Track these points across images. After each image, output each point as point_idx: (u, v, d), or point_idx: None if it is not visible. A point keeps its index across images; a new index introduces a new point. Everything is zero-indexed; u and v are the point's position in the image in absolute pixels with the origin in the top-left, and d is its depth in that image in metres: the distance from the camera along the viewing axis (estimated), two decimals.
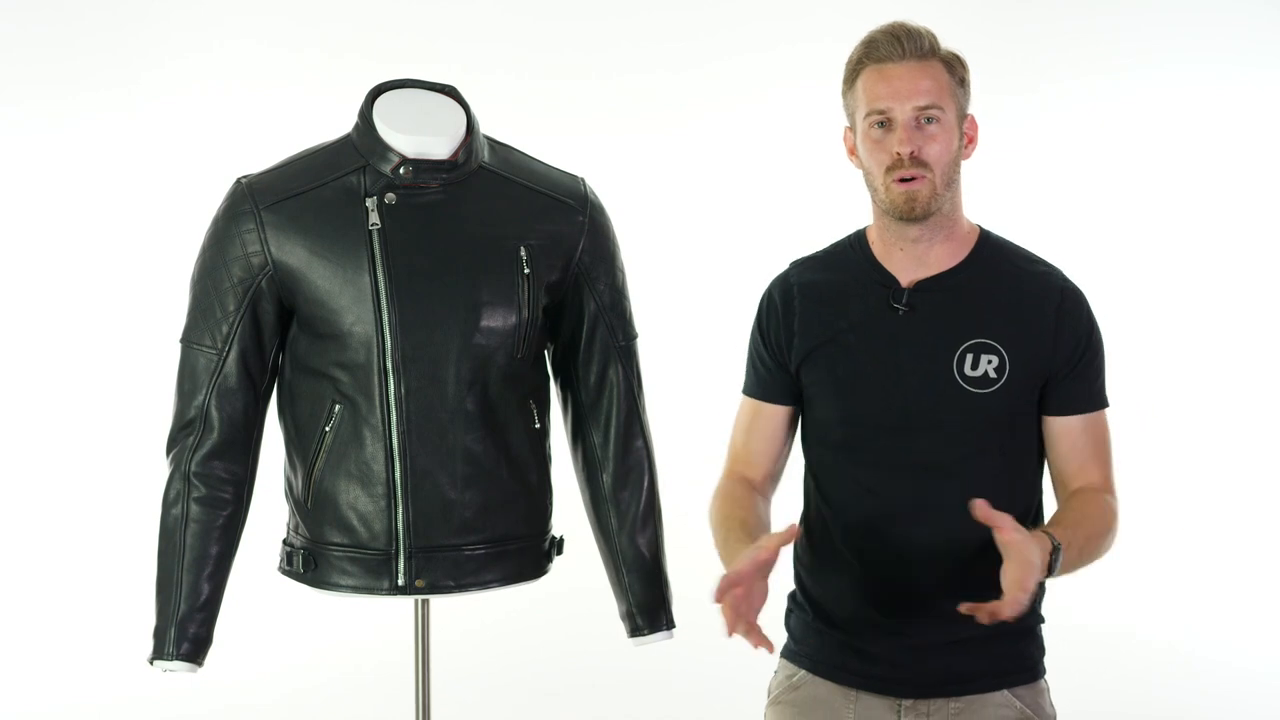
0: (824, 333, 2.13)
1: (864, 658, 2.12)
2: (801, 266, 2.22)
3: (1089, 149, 4.74)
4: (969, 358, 2.06)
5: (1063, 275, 2.14)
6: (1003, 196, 2.75)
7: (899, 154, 2.02)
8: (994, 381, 2.06)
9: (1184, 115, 4.74)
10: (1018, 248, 2.17)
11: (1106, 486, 2.12)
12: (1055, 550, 1.93)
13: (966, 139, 2.10)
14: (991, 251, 2.14)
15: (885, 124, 2.04)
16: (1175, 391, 4.60)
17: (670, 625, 2.42)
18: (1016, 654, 2.13)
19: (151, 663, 2.26)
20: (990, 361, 2.06)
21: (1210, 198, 4.73)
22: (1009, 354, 2.06)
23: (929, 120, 2.03)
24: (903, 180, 2.03)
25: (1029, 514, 2.14)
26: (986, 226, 2.18)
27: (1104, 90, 4.74)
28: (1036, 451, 2.14)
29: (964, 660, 2.09)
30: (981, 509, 1.90)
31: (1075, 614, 2.16)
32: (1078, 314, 2.11)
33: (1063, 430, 2.11)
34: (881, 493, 2.09)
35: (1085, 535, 2.02)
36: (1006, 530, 1.87)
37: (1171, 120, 4.75)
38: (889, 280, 2.11)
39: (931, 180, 2.03)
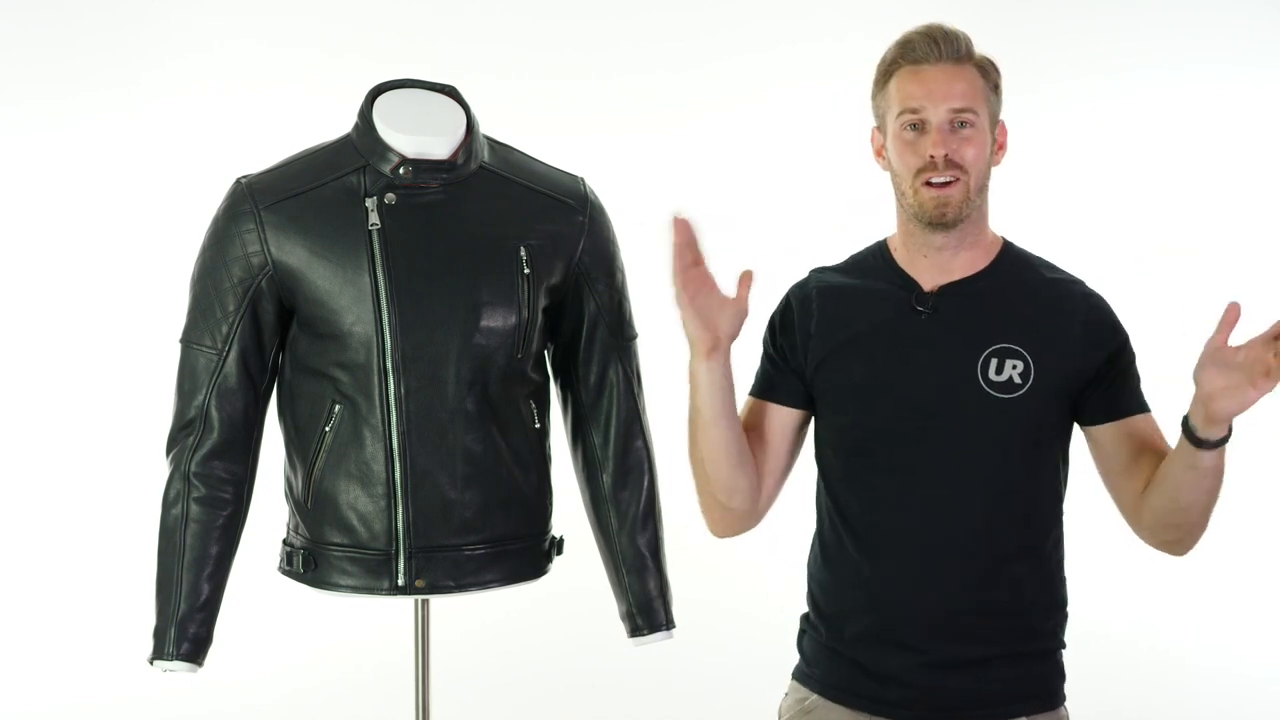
0: (843, 334, 2.10)
1: (876, 679, 2.07)
2: (821, 271, 2.19)
3: (1089, 149, 4.74)
4: (993, 362, 2.03)
5: (1085, 285, 2.11)
6: (1002, 197, 2.73)
7: (932, 156, 1.99)
8: (1019, 387, 2.02)
9: (1184, 115, 4.74)
10: (1040, 259, 2.14)
11: None
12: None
13: (998, 145, 2.07)
14: (1014, 260, 2.11)
15: (918, 126, 2.01)
16: (1169, 393, 4.58)
17: (670, 625, 2.42)
18: (1034, 678, 2.08)
19: (151, 663, 2.27)
20: (1015, 367, 2.02)
21: (1210, 198, 4.73)
22: (1034, 360, 2.02)
23: (963, 124, 2.00)
24: (932, 184, 2.00)
25: (1050, 533, 2.09)
26: (1009, 237, 2.15)
27: (1104, 90, 4.74)
28: (1060, 468, 2.10)
29: (979, 682, 2.04)
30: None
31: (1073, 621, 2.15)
32: (1105, 320, 2.08)
33: (1122, 435, 2.05)
34: (898, 499, 2.04)
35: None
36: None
37: (1171, 120, 4.74)
38: (911, 285, 2.08)
39: (966, 184, 2.00)
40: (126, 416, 4.29)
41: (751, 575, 4.10)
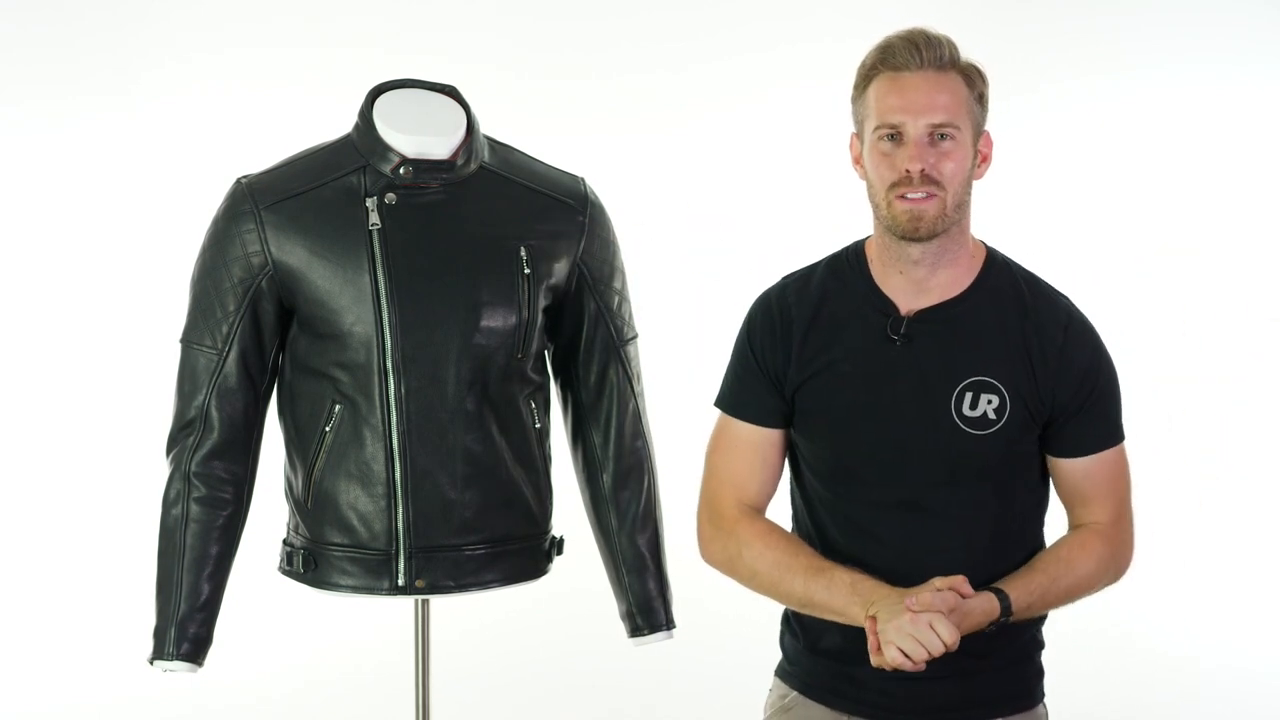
0: (819, 361, 2.04)
1: (855, 683, 2.06)
2: (798, 285, 2.12)
3: (1089, 149, 4.73)
4: (968, 396, 1.97)
5: (1069, 306, 2.05)
6: (1001, 198, 2.72)
7: (908, 171, 1.92)
8: (994, 423, 1.97)
9: (1184, 115, 4.74)
10: (1025, 272, 2.07)
11: (1111, 524, 2.04)
12: (1003, 612, 1.96)
13: (981, 157, 1.99)
14: (996, 279, 2.04)
15: (895, 138, 1.93)
16: (1169, 393, 4.59)
17: (670, 625, 2.42)
18: (1011, 680, 2.08)
19: (151, 663, 2.27)
20: (990, 402, 1.97)
21: (1211, 198, 4.73)
22: (1009, 393, 1.98)
23: (943, 137, 1.92)
24: (906, 198, 1.92)
25: (1031, 550, 2.07)
26: (991, 243, 2.10)
27: (1104, 90, 4.74)
28: (1037, 490, 2.08)
29: (956, 688, 2.03)
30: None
31: (1064, 619, 2.15)
32: (1081, 351, 2.01)
33: (1068, 469, 2.04)
34: (872, 530, 2.02)
35: (1064, 587, 1.99)
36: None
37: (1171, 120, 4.74)
38: (887, 307, 2.02)
39: (942, 200, 1.93)
40: (126, 416, 4.29)
41: None
